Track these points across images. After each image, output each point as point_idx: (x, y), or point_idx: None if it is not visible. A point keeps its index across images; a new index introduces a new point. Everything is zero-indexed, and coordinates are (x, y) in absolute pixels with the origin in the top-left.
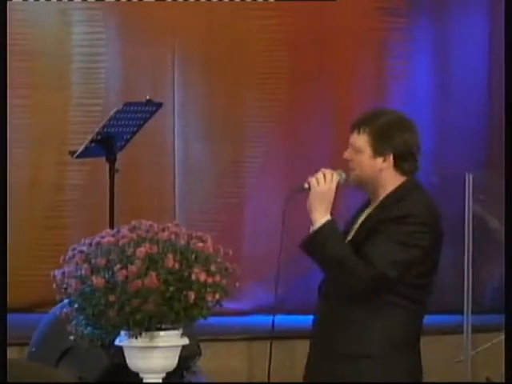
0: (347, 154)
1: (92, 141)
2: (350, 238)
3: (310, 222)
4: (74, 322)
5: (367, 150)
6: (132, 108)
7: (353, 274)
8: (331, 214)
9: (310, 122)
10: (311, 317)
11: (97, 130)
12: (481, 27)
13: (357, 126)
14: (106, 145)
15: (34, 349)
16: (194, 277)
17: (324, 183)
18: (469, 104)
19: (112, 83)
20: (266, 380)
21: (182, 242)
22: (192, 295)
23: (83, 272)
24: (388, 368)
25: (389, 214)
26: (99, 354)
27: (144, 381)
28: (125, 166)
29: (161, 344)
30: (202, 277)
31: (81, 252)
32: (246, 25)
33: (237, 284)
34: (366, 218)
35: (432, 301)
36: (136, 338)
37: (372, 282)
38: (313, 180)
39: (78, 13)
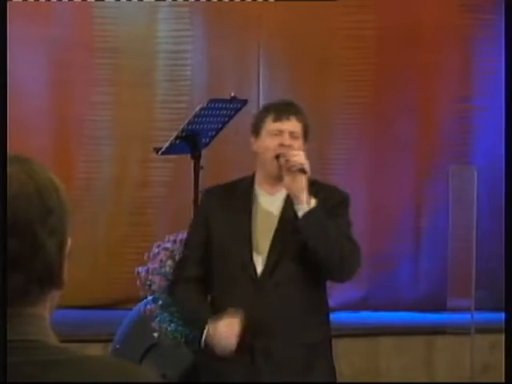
0: (289, 141)
1: (177, 138)
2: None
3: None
4: (158, 318)
5: (301, 138)
6: (217, 105)
7: (352, 253)
8: None
9: (395, 118)
10: (397, 314)
11: (182, 126)
12: None
13: (293, 113)
14: (190, 142)
15: (117, 345)
16: None
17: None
18: None
19: (197, 80)
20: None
21: None
22: None
23: (167, 269)
24: (328, 354)
25: (331, 199)
26: (183, 351)
27: None
28: (209, 163)
29: None
30: None
31: (165, 249)
32: (331, 21)
33: None
34: (286, 207)
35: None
36: None
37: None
38: (307, 164)
39: (164, 10)
